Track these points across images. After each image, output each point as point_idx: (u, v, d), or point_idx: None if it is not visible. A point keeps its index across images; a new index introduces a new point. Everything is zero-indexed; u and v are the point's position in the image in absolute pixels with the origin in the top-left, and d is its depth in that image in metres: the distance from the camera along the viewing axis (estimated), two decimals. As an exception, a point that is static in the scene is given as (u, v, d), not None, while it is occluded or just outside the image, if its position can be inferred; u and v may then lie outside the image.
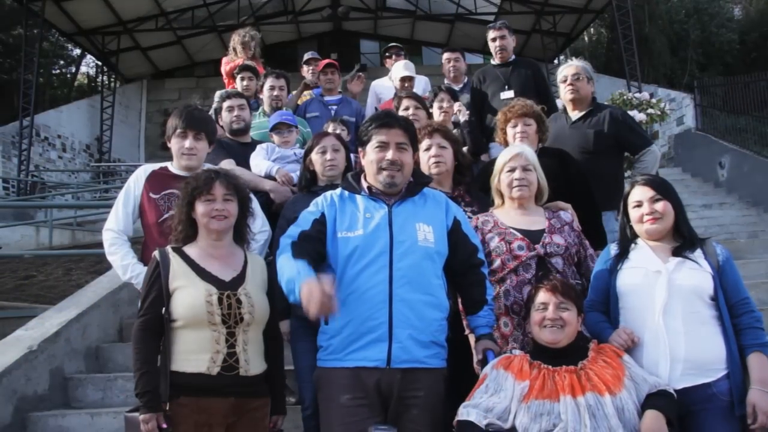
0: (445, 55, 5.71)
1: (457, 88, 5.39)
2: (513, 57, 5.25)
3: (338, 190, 2.75)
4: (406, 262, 2.52)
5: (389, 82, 5.88)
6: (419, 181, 2.77)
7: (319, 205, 2.68)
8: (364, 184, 2.70)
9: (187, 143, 3.26)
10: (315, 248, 2.55)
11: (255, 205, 3.06)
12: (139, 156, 19.53)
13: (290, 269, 2.41)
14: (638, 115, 8.46)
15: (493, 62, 5.34)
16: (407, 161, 2.68)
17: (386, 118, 2.75)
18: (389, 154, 2.62)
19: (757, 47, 20.18)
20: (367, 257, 2.51)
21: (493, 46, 5.21)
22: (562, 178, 3.38)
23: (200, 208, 2.59)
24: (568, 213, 3.11)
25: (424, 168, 3.30)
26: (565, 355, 2.51)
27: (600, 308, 2.76)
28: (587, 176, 3.65)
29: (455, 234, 2.72)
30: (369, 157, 2.67)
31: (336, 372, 2.50)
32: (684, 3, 21.15)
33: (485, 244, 2.94)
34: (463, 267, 2.73)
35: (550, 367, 2.47)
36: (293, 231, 2.61)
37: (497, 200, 3.11)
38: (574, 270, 2.98)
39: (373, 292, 2.48)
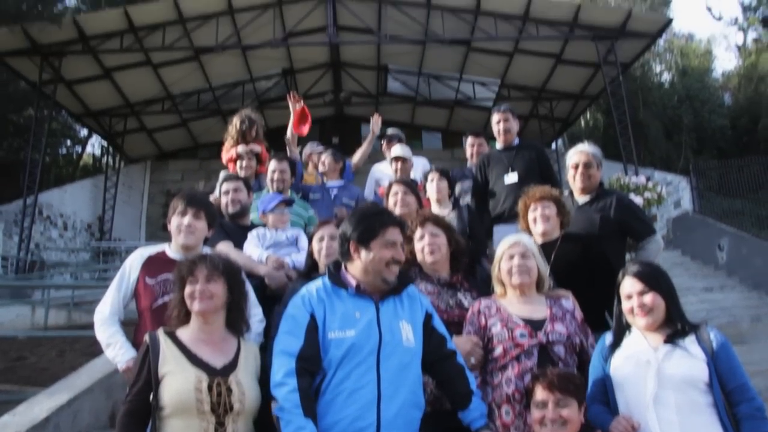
0: (469, 140, 5.78)
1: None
2: (517, 140, 5.25)
3: (320, 283, 2.72)
4: (393, 362, 2.52)
5: (389, 168, 5.95)
6: (402, 281, 2.77)
7: (306, 303, 2.62)
8: (351, 280, 2.68)
9: (186, 220, 3.29)
10: (314, 370, 2.51)
11: (249, 290, 3.04)
12: (140, 236, 19.61)
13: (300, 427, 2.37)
14: (636, 199, 8.56)
15: (497, 146, 5.32)
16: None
17: (395, 216, 2.83)
18: (402, 254, 2.69)
19: (747, 132, 20.69)
20: (358, 357, 2.49)
21: (496, 129, 5.21)
22: (583, 263, 3.43)
23: (185, 290, 2.60)
24: (569, 301, 3.10)
25: (419, 257, 3.34)
26: (571, 448, 2.45)
27: (601, 399, 2.71)
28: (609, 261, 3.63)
29: (427, 326, 2.73)
30: (379, 253, 2.65)
31: None
32: (676, 89, 21.85)
33: (487, 329, 2.94)
34: (435, 357, 2.72)
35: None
36: (289, 344, 2.53)
37: (498, 289, 3.11)
38: (575, 358, 2.95)
39: (362, 393, 2.44)
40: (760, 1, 22.58)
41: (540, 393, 2.57)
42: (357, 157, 6.37)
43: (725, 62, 57.33)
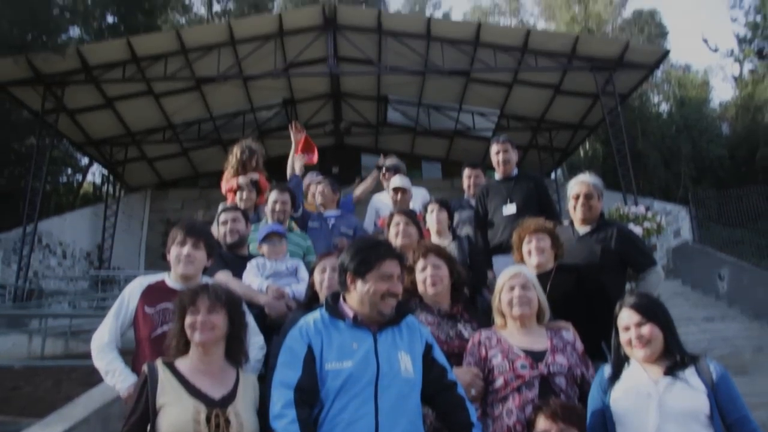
0: (466, 172, 5.84)
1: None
2: (516, 171, 5.24)
3: (318, 315, 2.70)
4: (391, 393, 2.49)
5: (388, 198, 5.92)
6: (401, 311, 2.75)
7: (303, 335, 2.60)
8: (349, 312, 2.67)
9: (185, 250, 3.27)
10: (313, 402, 2.49)
11: (250, 318, 3.02)
12: (139, 264, 19.59)
13: None
14: (635, 229, 8.53)
15: (496, 176, 5.30)
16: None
17: (393, 249, 2.80)
18: (399, 287, 2.67)
19: (746, 161, 20.83)
20: (355, 388, 2.47)
21: (495, 160, 5.19)
22: (578, 293, 3.42)
23: (186, 321, 2.59)
24: (570, 332, 3.09)
25: (421, 288, 3.33)
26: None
27: (601, 431, 2.68)
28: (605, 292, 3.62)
29: (427, 357, 2.72)
30: (375, 286, 2.64)
31: None
32: (674, 119, 22.04)
33: (488, 361, 2.93)
34: (435, 388, 2.70)
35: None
36: (287, 376, 2.51)
37: (499, 320, 3.10)
38: (576, 390, 2.93)
39: (360, 424, 2.41)
40: (755, 33, 22.91)
41: (542, 423, 2.55)
42: (359, 190, 6.38)
43: (722, 93, 58.17)
